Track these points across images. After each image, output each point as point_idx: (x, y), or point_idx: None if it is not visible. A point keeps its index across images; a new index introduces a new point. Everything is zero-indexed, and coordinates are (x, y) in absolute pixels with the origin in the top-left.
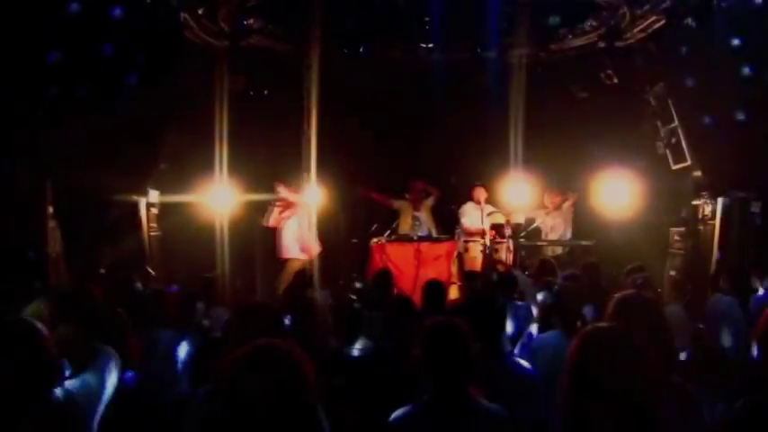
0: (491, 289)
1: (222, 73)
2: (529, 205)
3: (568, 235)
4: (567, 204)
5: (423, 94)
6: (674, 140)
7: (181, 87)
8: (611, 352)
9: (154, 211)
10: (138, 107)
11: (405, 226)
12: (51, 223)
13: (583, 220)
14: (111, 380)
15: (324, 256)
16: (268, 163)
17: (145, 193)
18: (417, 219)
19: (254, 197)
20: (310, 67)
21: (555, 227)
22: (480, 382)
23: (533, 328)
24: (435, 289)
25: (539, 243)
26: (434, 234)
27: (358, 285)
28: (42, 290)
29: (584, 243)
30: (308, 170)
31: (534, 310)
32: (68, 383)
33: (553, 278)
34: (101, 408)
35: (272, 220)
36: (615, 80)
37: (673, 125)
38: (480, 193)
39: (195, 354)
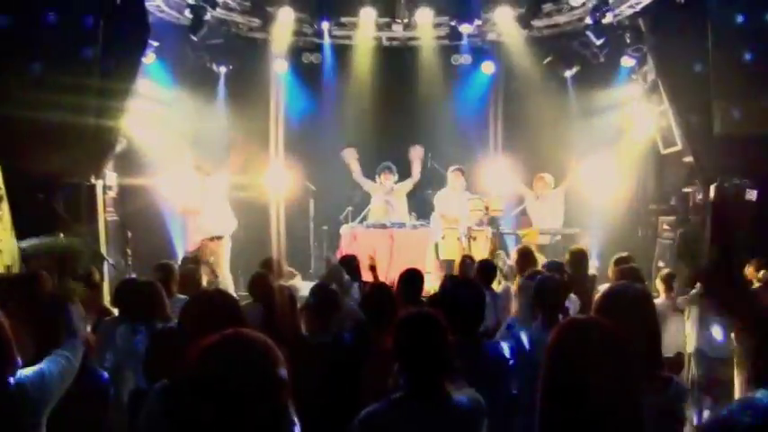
0: (468, 278)
1: (186, 48)
2: (516, 187)
3: (559, 225)
4: (559, 189)
5: (399, 72)
6: (663, 123)
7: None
8: (590, 345)
9: (111, 194)
10: (94, 82)
11: (377, 212)
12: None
13: (569, 208)
14: (69, 373)
15: (293, 243)
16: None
17: (101, 176)
18: (390, 204)
19: None
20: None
21: (544, 216)
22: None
23: (513, 320)
24: (412, 278)
25: (519, 232)
26: (409, 221)
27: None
28: None
29: (568, 231)
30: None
31: (515, 301)
32: (23, 372)
33: (535, 267)
34: (53, 401)
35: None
36: (602, 59)
37: (662, 107)
38: (458, 179)
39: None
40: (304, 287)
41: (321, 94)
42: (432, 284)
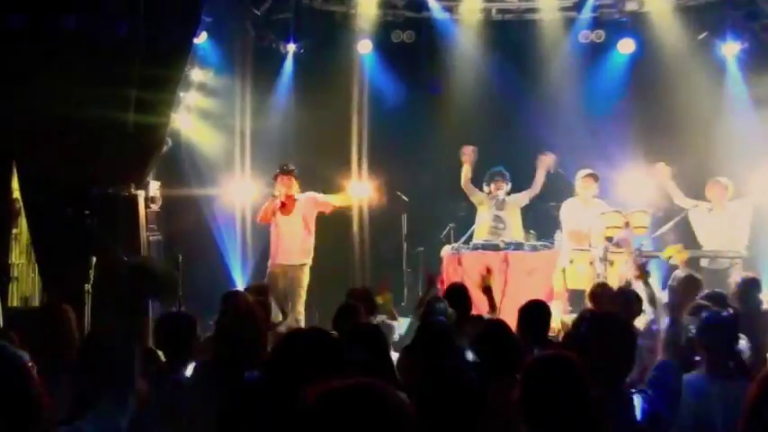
0: (611, 313)
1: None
2: (673, 194)
3: (741, 246)
4: (744, 201)
5: (512, 53)
6: None
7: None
8: None
9: (155, 208)
10: (133, 67)
11: (483, 229)
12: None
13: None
14: None
15: (380, 269)
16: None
17: (143, 185)
18: (500, 220)
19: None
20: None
21: (717, 234)
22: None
23: (666, 365)
24: (537, 312)
25: (662, 253)
26: (524, 240)
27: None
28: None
29: (732, 255)
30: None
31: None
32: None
33: (695, 300)
34: None
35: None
36: None
37: None
38: (589, 186)
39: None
40: (396, 325)
41: (414, 80)
42: (557, 320)
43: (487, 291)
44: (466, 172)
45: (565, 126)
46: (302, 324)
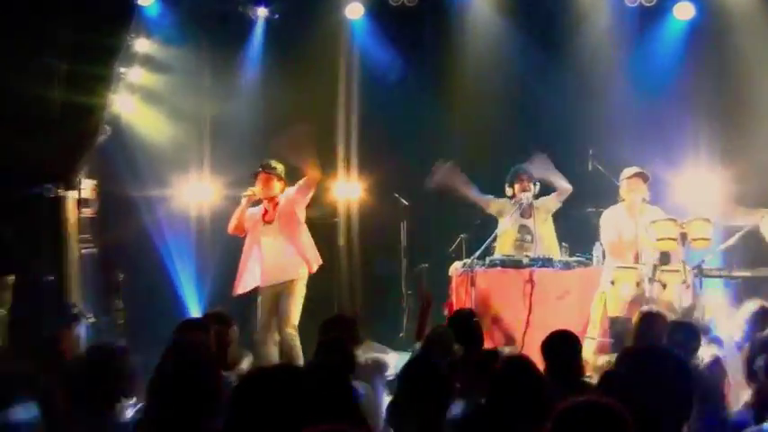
0: (661, 348)
1: None
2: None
3: None
4: None
5: (540, 21)
6: None
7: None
8: None
9: (88, 213)
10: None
11: (506, 242)
12: None
13: None
14: None
15: (374, 291)
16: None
17: (73, 185)
18: (527, 230)
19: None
20: None
21: None
22: None
23: (744, 415)
24: (563, 345)
25: (743, 274)
26: (557, 256)
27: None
28: None
29: None
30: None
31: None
32: None
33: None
34: None
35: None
36: None
37: None
38: (637, 189)
39: None
40: (392, 360)
41: (416, 54)
42: (595, 355)
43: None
44: (464, 192)
45: (606, 113)
46: (297, 343)
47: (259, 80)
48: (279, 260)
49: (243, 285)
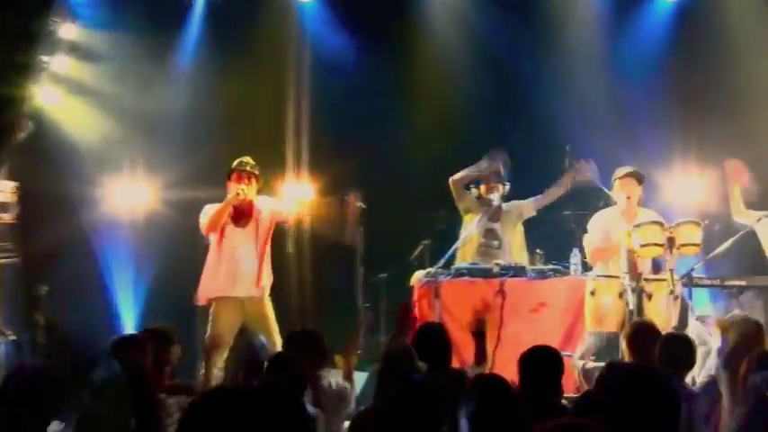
0: (648, 367)
1: None
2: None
3: None
4: None
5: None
6: None
7: None
8: None
9: (7, 218)
10: None
11: (468, 248)
12: None
13: None
14: None
15: (327, 304)
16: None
17: None
18: (494, 235)
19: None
20: None
21: None
22: None
23: None
24: (543, 364)
25: (737, 283)
26: (527, 263)
27: None
28: None
29: None
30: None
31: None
32: None
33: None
34: None
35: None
36: None
37: None
38: (630, 189)
39: None
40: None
41: (375, 40)
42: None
43: (478, 338)
44: (462, 173)
45: (586, 105)
46: None
47: (199, 70)
48: (251, 268)
49: (206, 293)
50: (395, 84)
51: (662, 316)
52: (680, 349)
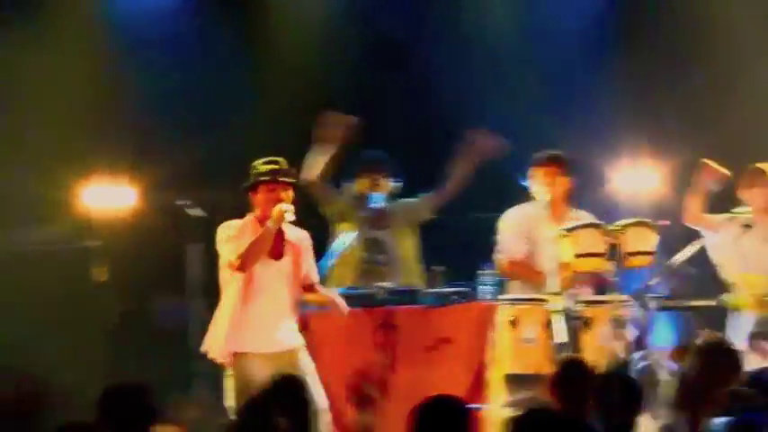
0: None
1: None
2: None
3: None
4: None
5: None
6: None
7: None
8: None
9: None
10: None
11: (347, 265)
12: None
13: None
14: None
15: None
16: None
17: None
18: (380, 247)
19: None
20: None
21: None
22: None
23: None
24: (445, 419)
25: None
26: (423, 284)
27: None
28: None
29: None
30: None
31: None
32: None
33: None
34: None
35: None
36: None
37: None
38: (552, 180)
39: None
40: None
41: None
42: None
43: (359, 395)
44: (318, 166)
45: (503, 80)
46: None
47: None
48: (287, 314)
49: (229, 346)
50: (237, 60)
51: (603, 350)
52: (622, 393)
